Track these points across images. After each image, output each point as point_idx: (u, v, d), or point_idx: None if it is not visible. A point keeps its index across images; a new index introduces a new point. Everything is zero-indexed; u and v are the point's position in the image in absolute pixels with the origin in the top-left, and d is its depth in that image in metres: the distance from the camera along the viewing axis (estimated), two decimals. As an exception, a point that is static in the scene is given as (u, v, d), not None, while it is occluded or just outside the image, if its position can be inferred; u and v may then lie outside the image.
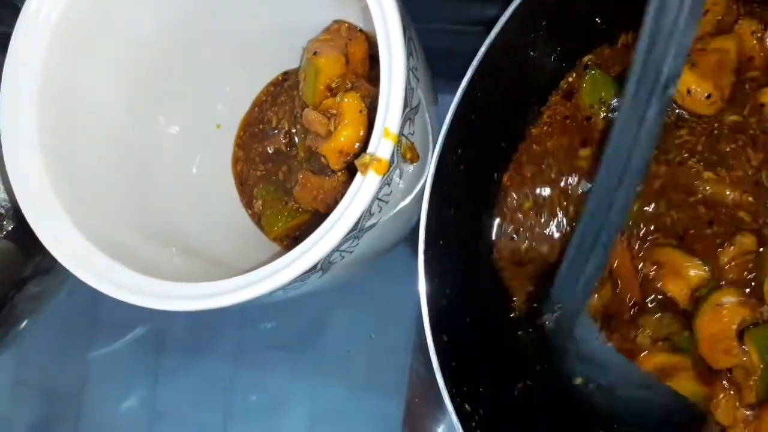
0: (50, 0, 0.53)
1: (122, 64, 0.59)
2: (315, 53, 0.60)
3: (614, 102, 0.59)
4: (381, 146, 0.46)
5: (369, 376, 0.73)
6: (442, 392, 0.52)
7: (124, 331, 0.78)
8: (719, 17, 0.57)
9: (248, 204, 0.71)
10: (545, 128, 0.62)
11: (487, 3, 0.69)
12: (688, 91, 0.54)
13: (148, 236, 0.58)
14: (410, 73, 0.46)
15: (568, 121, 0.61)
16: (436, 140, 0.53)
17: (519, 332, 0.62)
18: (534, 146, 0.62)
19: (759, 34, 0.56)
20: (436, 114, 0.59)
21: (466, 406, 0.53)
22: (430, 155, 0.55)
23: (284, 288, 0.48)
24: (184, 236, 0.62)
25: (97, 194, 0.57)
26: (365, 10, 0.50)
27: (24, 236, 0.58)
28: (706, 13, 0.56)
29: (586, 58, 0.61)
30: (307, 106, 0.62)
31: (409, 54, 0.46)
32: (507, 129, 0.62)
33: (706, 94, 0.54)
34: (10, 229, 0.64)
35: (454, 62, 0.69)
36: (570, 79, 0.62)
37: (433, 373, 0.52)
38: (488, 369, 0.59)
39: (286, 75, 0.73)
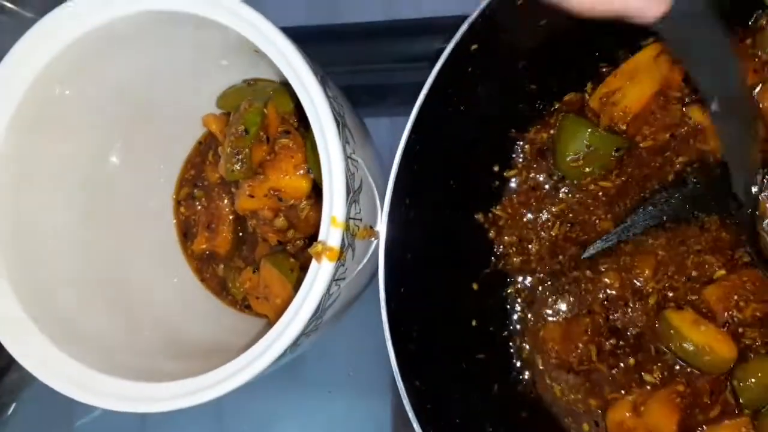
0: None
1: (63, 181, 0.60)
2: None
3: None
4: (331, 235, 0.48)
5: (351, 411, 0.75)
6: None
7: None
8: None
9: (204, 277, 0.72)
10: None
11: (429, 39, 0.70)
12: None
13: (122, 330, 0.59)
14: (348, 161, 0.47)
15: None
16: (383, 196, 0.53)
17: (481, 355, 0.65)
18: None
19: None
20: (379, 166, 0.60)
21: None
22: (379, 214, 0.56)
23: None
24: (152, 316, 0.63)
25: (61, 301, 0.58)
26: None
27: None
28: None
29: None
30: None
31: (344, 144, 0.47)
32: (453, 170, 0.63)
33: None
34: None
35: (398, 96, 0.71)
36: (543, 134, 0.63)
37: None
38: (460, 399, 0.62)
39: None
